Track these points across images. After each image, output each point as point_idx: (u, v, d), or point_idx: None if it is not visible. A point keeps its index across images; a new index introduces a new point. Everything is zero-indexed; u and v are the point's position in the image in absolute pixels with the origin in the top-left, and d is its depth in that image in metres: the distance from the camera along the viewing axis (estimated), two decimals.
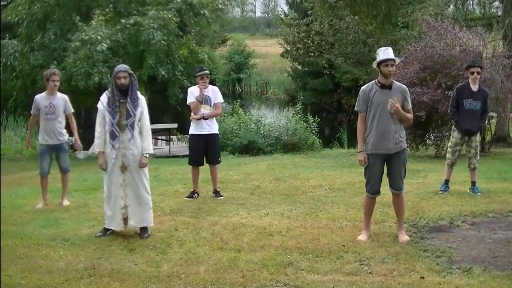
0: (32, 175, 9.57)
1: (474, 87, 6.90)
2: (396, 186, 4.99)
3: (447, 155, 7.20)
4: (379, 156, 4.90)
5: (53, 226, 5.71)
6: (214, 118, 7.08)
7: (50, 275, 4.22)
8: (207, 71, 7.08)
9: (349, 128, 18.98)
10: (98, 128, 5.23)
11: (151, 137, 5.39)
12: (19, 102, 14.73)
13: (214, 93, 7.03)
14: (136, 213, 5.25)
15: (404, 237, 4.97)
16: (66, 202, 6.79)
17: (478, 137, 7.06)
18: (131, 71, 5.23)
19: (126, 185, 5.19)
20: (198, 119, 6.87)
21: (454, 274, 4.11)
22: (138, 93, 5.27)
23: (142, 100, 5.28)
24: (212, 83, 7.79)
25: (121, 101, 5.13)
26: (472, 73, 6.88)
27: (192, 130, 7.01)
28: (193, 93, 6.96)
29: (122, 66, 5.26)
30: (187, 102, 7.03)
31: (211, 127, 6.98)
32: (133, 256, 4.70)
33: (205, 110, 6.91)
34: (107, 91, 5.26)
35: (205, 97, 6.92)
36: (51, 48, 14.15)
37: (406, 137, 5.13)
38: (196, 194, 7.07)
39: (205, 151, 7.02)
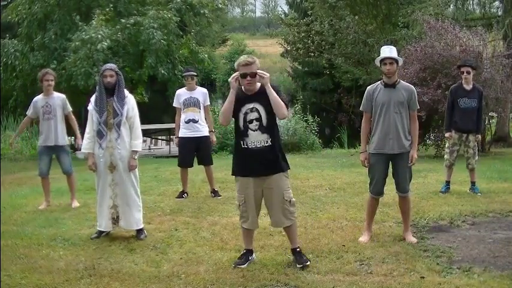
0: (32, 175, 9.56)
1: (467, 87, 6.90)
2: (401, 188, 4.93)
3: (445, 156, 7.18)
4: (382, 156, 4.86)
5: (53, 226, 5.71)
6: (204, 120, 7.14)
7: (50, 275, 4.22)
8: (193, 72, 7.14)
9: (349, 128, 18.98)
10: (87, 129, 5.18)
11: (141, 136, 5.26)
12: (19, 102, 14.71)
13: (204, 96, 7.10)
14: (126, 215, 5.18)
15: (411, 238, 4.95)
16: (75, 203, 6.72)
17: (475, 137, 7.04)
18: (118, 70, 5.18)
19: (115, 185, 5.13)
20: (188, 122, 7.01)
21: (454, 274, 4.10)
22: (126, 91, 5.21)
23: (131, 98, 5.21)
24: (212, 83, 7.85)
25: (108, 99, 5.08)
26: (463, 72, 6.89)
27: (183, 133, 7.06)
28: (179, 95, 7.06)
29: (109, 65, 5.23)
30: (174, 104, 7.13)
31: (202, 129, 7.06)
32: (133, 256, 4.70)
33: (192, 112, 6.96)
34: (96, 92, 5.21)
35: (193, 99, 6.99)
36: (52, 48, 14.14)
37: None
38: (185, 194, 7.15)
39: (196, 153, 7.12)
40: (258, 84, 4.22)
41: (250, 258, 4.44)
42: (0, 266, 4.30)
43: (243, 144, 4.22)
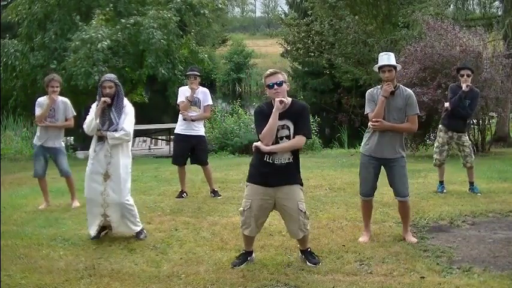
0: (32, 175, 9.56)
1: (465, 89, 6.89)
2: (400, 192, 4.87)
3: (434, 156, 7.14)
4: (375, 160, 4.84)
5: (53, 226, 5.71)
6: (202, 120, 7.11)
7: (50, 275, 4.22)
8: (197, 72, 7.07)
9: (349, 128, 18.97)
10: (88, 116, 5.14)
11: (126, 137, 5.09)
12: (19, 102, 14.73)
13: (204, 95, 7.06)
14: (121, 224, 5.15)
15: (411, 238, 4.94)
16: (76, 203, 6.71)
17: (467, 136, 7.08)
18: (117, 81, 5.18)
19: (107, 195, 5.07)
20: (186, 119, 6.94)
21: (454, 274, 4.11)
22: (125, 100, 5.21)
23: (128, 107, 5.19)
24: (212, 83, 7.84)
25: (106, 108, 5.08)
26: (462, 75, 6.87)
27: (179, 130, 7.04)
28: (184, 93, 7.00)
29: (108, 76, 5.22)
30: (178, 101, 7.07)
31: (199, 129, 7.04)
32: (133, 256, 4.70)
33: (194, 111, 6.95)
34: (96, 102, 5.17)
35: (194, 99, 6.95)
36: (52, 48, 14.15)
37: (406, 137, 5.07)
38: (185, 194, 7.13)
39: (192, 152, 7.09)
40: (289, 100, 4.20)
41: (248, 258, 4.44)
42: (0, 266, 4.30)
43: (268, 159, 4.19)
